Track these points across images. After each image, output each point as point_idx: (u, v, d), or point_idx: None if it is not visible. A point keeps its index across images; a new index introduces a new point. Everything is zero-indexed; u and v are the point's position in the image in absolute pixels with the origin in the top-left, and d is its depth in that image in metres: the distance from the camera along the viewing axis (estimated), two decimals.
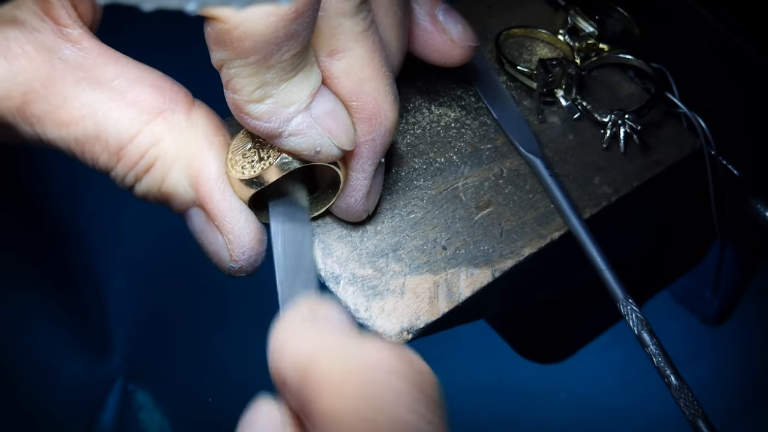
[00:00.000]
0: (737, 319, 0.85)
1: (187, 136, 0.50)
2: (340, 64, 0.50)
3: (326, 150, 0.50)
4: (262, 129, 0.48)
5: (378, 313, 0.53)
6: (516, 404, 1.09)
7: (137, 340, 1.15)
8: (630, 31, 0.66)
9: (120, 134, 0.49)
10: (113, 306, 1.15)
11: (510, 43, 0.67)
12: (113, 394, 1.13)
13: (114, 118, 0.49)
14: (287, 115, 0.48)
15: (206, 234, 0.52)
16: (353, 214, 0.55)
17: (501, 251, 0.56)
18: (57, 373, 1.10)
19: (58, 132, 0.49)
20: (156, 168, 0.50)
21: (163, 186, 0.51)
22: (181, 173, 0.50)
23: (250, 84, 0.46)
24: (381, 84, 0.51)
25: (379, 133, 0.52)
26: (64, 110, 0.49)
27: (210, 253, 0.52)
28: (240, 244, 0.51)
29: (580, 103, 0.63)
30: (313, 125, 0.49)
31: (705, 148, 0.63)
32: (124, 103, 0.50)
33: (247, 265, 0.52)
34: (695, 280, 0.82)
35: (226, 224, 0.51)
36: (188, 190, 0.51)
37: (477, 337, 0.81)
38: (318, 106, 0.49)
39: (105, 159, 0.50)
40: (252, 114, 0.48)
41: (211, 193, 0.50)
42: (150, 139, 0.50)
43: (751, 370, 1.06)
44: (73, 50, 0.50)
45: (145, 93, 0.50)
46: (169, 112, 0.50)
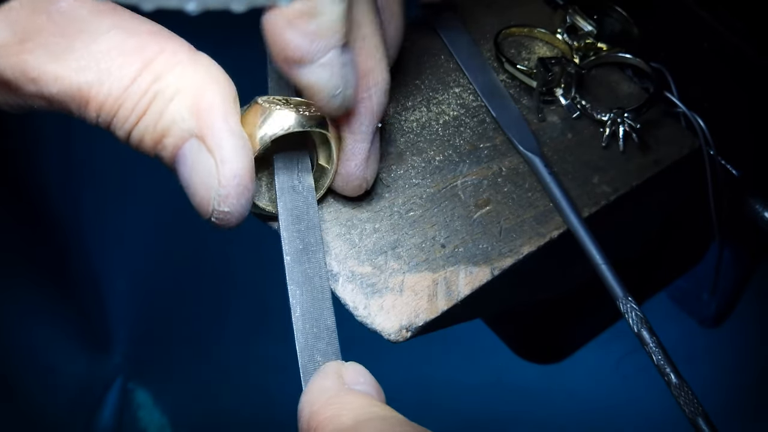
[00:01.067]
0: (735, 321, 0.85)
1: (189, 71, 0.49)
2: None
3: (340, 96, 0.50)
4: (303, 49, 0.48)
5: (377, 311, 0.53)
6: (515, 403, 1.09)
7: (137, 339, 1.15)
8: (628, 30, 0.66)
9: (122, 77, 0.48)
10: (113, 305, 1.15)
11: (509, 42, 0.67)
12: (113, 393, 1.13)
13: (116, 64, 0.48)
14: (329, 43, 0.48)
15: (196, 164, 0.49)
16: (352, 182, 0.55)
17: (500, 250, 0.56)
18: (57, 371, 1.10)
19: (61, 84, 0.48)
20: (156, 103, 0.49)
21: (160, 121, 0.49)
22: (180, 104, 0.49)
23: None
24: (379, 42, 0.52)
25: (375, 91, 0.52)
26: (64, 62, 0.48)
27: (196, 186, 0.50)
28: (232, 165, 0.49)
29: (579, 102, 0.63)
30: (342, 67, 0.49)
31: (704, 148, 0.63)
32: (124, 49, 0.49)
33: (234, 194, 0.49)
34: (693, 281, 0.82)
35: (223, 146, 0.49)
36: (186, 118, 0.49)
37: (476, 336, 0.81)
38: (347, 53, 0.50)
39: (108, 106, 0.49)
40: (300, 27, 0.47)
41: (214, 117, 0.49)
42: (152, 76, 0.49)
43: (748, 372, 1.06)
44: (68, 2, 0.49)
45: (145, 40, 0.49)
46: (170, 53, 0.49)
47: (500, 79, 0.64)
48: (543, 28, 0.67)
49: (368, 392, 0.47)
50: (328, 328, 0.50)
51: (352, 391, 0.46)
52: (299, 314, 0.50)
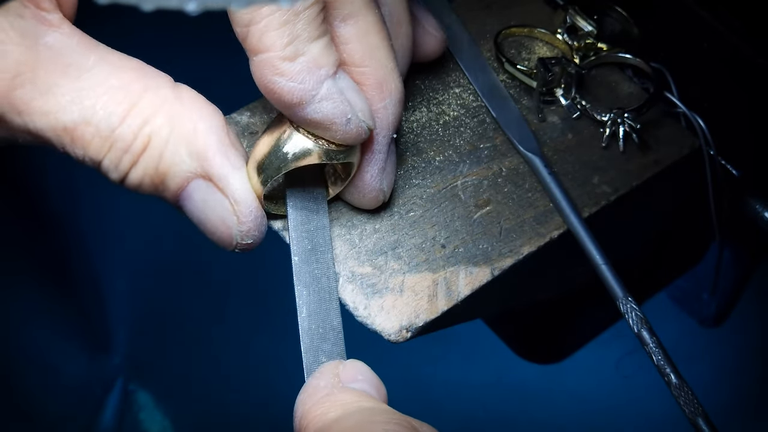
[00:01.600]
0: (735, 321, 0.85)
1: (178, 109, 0.50)
2: (353, 29, 0.51)
3: (355, 121, 0.50)
4: (296, 92, 0.48)
5: (377, 311, 0.53)
6: (515, 403, 1.09)
7: (137, 339, 1.15)
8: (628, 30, 0.66)
9: (110, 117, 0.49)
10: (113, 305, 1.15)
11: (509, 42, 0.67)
12: (114, 394, 1.13)
13: (101, 102, 0.49)
14: (319, 77, 0.48)
15: (209, 204, 0.51)
16: (369, 193, 0.55)
17: (500, 250, 0.56)
18: (57, 372, 1.10)
19: (47, 120, 0.49)
20: (152, 146, 0.49)
21: (161, 163, 0.50)
22: (178, 146, 0.49)
23: (282, 36, 0.47)
24: (390, 54, 0.52)
25: (390, 102, 0.52)
26: (51, 96, 0.49)
27: (214, 224, 0.51)
28: (247, 202, 0.50)
29: (579, 102, 0.63)
30: (341, 93, 0.49)
31: (704, 148, 0.63)
32: (109, 86, 0.49)
33: (254, 227, 0.51)
34: (693, 282, 0.82)
35: (231, 184, 0.50)
36: (187, 160, 0.50)
37: (477, 335, 0.81)
38: (341, 80, 0.50)
39: (96, 146, 0.49)
40: (286, 72, 0.48)
41: (215, 157, 0.50)
42: (141, 118, 0.49)
43: (748, 372, 1.06)
44: (55, 36, 0.49)
45: (129, 76, 0.50)
46: (154, 90, 0.50)
47: (500, 79, 0.64)
48: (543, 29, 0.67)
49: (364, 389, 0.47)
50: (335, 328, 0.51)
51: (346, 389, 0.47)
52: (305, 315, 0.51)
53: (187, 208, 0.51)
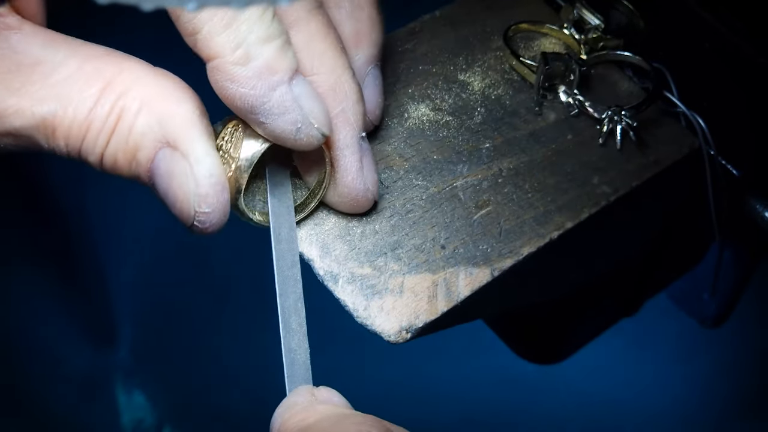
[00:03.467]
0: (735, 321, 0.85)
1: (151, 84, 0.49)
2: (297, 38, 0.51)
3: (306, 130, 0.50)
4: (247, 98, 0.48)
5: (377, 312, 0.53)
6: (516, 400, 1.10)
7: (141, 334, 1.15)
8: (635, 23, 0.66)
9: (85, 100, 0.48)
10: (118, 299, 1.15)
11: (518, 38, 0.67)
12: (116, 390, 1.13)
13: (76, 88, 0.48)
14: (271, 83, 0.48)
15: (172, 173, 0.49)
16: (356, 196, 0.54)
17: (500, 250, 0.56)
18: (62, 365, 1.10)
19: (24, 117, 0.48)
20: (123, 119, 0.49)
21: (131, 135, 0.49)
22: (149, 116, 0.49)
23: (228, 40, 0.46)
24: (339, 57, 0.52)
25: (348, 105, 0.52)
26: (24, 94, 0.48)
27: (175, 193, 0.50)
28: (207, 166, 0.49)
29: (578, 98, 0.63)
30: (295, 101, 0.49)
31: (704, 148, 0.63)
32: (82, 74, 0.49)
33: (212, 192, 0.49)
34: (693, 282, 0.82)
35: (195, 149, 0.49)
36: (156, 129, 0.49)
37: (477, 332, 0.81)
38: (298, 85, 0.49)
39: (75, 131, 0.48)
40: (237, 78, 0.47)
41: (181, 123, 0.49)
42: (115, 95, 0.48)
43: (748, 372, 1.06)
44: (17, 38, 0.49)
45: (102, 62, 0.49)
46: (128, 70, 0.49)
47: (505, 71, 0.64)
48: (551, 24, 0.67)
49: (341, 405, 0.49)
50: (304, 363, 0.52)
51: (323, 403, 0.48)
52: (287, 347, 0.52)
53: (156, 183, 0.50)
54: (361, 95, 0.54)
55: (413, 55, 0.65)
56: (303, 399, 0.48)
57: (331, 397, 0.49)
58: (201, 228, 0.50)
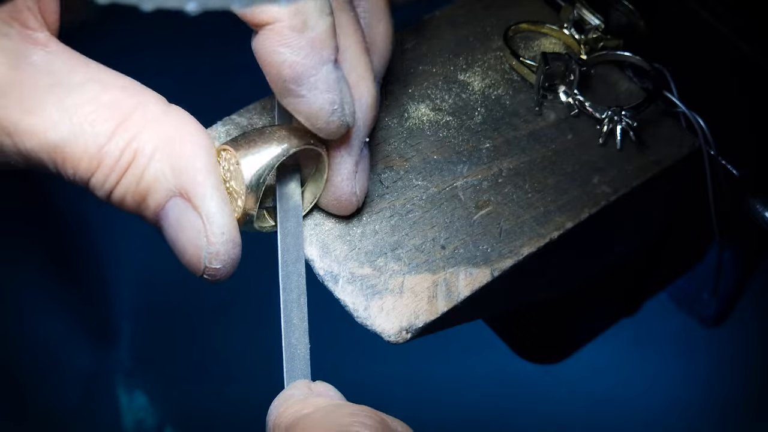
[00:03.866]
0: (735, 320, 0.85)
1: (165, 127, 0.49)
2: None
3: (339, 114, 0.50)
4: (297, 66, 0.47)
5: (377, 312, 0.53)
6: (515, 400, 1.09)
7: (142, 333, 1.15)
8: (635, 23, 0.66)
9: (97, 135, 0.48)
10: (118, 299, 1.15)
11: (518, 38, 0.67)
12: (117, 391, 1.13)
13: (90, 120, 0.48)
14: (322, 57, 0.48)
15: (182, 223, 0.49)
16: (341, 197, 0.54)
17: (500, 251, 0.56)
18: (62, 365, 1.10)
19: (37, 140, 0.48)
20: (136, 162, 0.48)
21: (143, 180, 0.49)
22: (162, 162, 0.49)
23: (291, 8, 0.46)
24: (363, 57, 0.52)
25: (361, 105, 0.52)
26: (39, 116, 0.48)
27: (186, 243, 0.50)
28: (219, 223, 0.49)
29: (578, 99, 0.63)
30: (338, 82, 0.49)
31: (704, 148, 0.63)
32: (98, 104, 0.48)
33: (223, 250, 0.50)
34: (693, 281, 0.82)
35: (207, 203, 0.49)
36: (169, 177, 0.49)
37: (477, 332, 0.81)
38: (340, 69, 0.49)
39: (85, 164, 0.48)
40: (292, 43, 0.47)
41: (196, 175, 0.49)
42: (129, 135, 0.48)
43: (749, 371, 1.06)
44: (42, 55, 0.49)
45: (118, 93, 0.49)
46: (143, 107, 0.49)
47: (505, 71, 0.64)
48: (551, 24, 0.67)
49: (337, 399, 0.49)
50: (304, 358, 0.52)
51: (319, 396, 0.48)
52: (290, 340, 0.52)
53: (163, 228, 0.50)
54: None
55: (413, 55, 0.65)
56: (299, 392, 0.48)
57: (327, 391, 0.49)
58: (210, 279, 0.51)
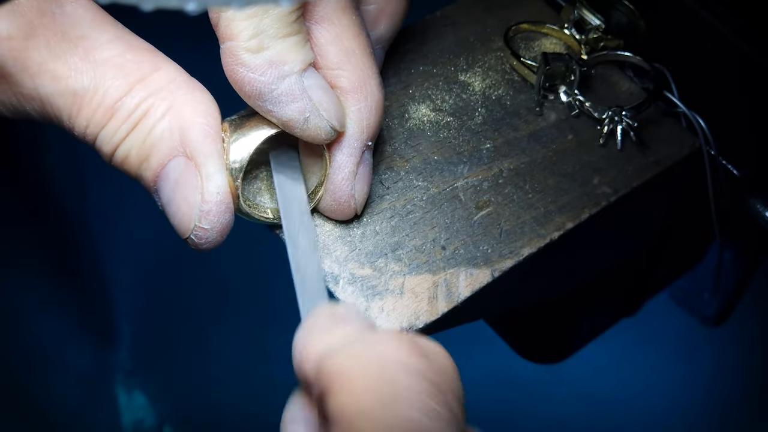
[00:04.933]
0: (736, 320, 0.85)
1: (181, 91, 0.50)
2: (328, 32, 0.51)
3: (315, 120, 0.50)
4: (255, 83, 0.49)
5: (377, 313, 0.53)
6: (516, 400, 1.10)
7: (142, 333, 1.15)
8: (635, 24, 0.66)
9: (118, 87, 0.49)
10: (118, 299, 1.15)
11: (519, 38, 0.67)
12: (116, 391, 1.13)
13: (112, 73, 0.49)
14: (281, 72, 0.49)
15: (180, 183, 0.50)
16: (339, 198, 0.54)
17: (500, 251, 0.56)
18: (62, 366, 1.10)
19: (57, 85, 0.49)
20: (147, 119, 0.50)
21: (149, 137, 0.50)
22: (172, 121, 0.50)
23: (247, 28, 0.47)
24: (368, 59, 0.52)
25: (365, 107, 0.52)
26: (64, 62, 0.49)
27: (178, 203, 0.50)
28: (216, 183, 0.50)
29: (578, 99, 0.63)
30: (304, 91, 0.49)
31: (704, 148, 0.63)
32: (123, 60, 0.50)
33: (215, 210, 0.50)
34: (694, 281, 0.82)
35: (208, 164, 0.50)
36: (176, 136, 0.50)
37: (477, 332, 0.81)
38: (310, 77, 0.50)
39: (99, 116, 0.49)
40: (247, 63, 0.48)
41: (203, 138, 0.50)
42: (145, 92, 0.49)
43: (750, 371, 1.06)
44: (72, 6, 0.50)
45: (143, 56, 0.50)
46: (164, 71, 0.50)
47: (506, 71, 0.64)
48: (552, 24, 0.67)
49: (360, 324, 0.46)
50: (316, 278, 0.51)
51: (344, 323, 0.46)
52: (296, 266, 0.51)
53: (160, 188, 0.51)
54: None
55: (414, 55, 0.65)
56: (322, 320, 0.46)
57: (350, 315, 0.47)
58: (196, 242, 0.51)
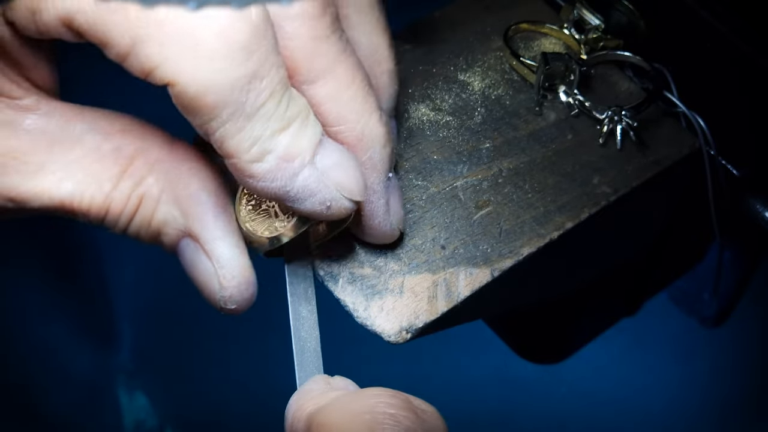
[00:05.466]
0: (736, 320, 0.85)
1: (170, 168, 0.49)
2: (324, 90, 0.48)
3: (337, 204, 0.48)
4: (269, 191, 0.46)
5: (377, 312, 0.53)
6: (516, 400, 1.09)
7: (142, 338, 1.15)
8: (635, 23, 0.66)
9: (102, 186, 0.48)
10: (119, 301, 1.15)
11: (518, 37, 0.67)
12: (117, 392, 1.13)
13: (93, 172, 0.48)
14: (292, 171, 0.46)
15: (196, 264, 0.50)
16: (383, 235, 0.54)
17: (500, 251, 0.56)
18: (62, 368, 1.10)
19: (41, 200, 0.48)
20: (144, 206, 0.49)
21: (152, 222, 0.49)
22: (169, 204, 0.49)
23: (242, 141, 0.45)
24: (367, 101, 0.50)
25: (374, 152, 0.51)
26: (41, 177, 0.48)
27: (200, 284, 0.50)
28: (230, 269, 0.49)
29: (578, 99, 0.63)
30: (320, 180, 0.47)
31: (704, 148, 0.63)
32: (100, 154, 0.48)
33: (237, 293, 0.50)
34: (693, 281, 0.82)
35: (217, 248, 0.49)
36: (179, 219, 0.49)
37: (477, 332, 0.81)
38: (323, 158, 0.47)
39: (94, 212, 0.48)
40: (256, 175, 0.46)
41: (204, 218, 0.49)
42: (133, 180, 0.48)
43: (750, 371, 1.06)
44: (34, 119, 0.48)
45: (119, 140, 0.49)
46: (146, 151, 0.49)
47: (505, 71, 0.64)
48: (552, 24, 0.67)
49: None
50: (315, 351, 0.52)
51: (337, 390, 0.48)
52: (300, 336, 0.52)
53: (182, 261, 0.51)
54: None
55: (413, 55, 0.65)
56: (318, 386, 0.48)
57: (347, 386, 0.48)
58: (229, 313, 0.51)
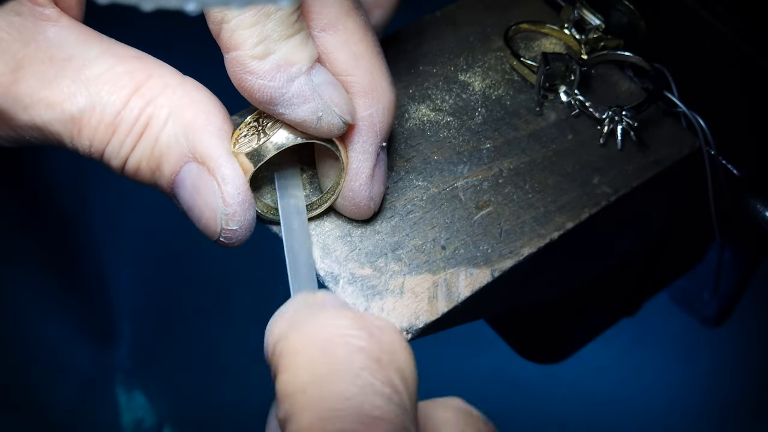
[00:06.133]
0: (736, 320, 0.85)
1: (180, 94, 0.50)
2: (335, 39, 0.51)
3: (327, 118, 0.50)
4: (265, 90, 0.48)
5: (377, 312, 0.53)
6: (516, 400, 1.09)
7: (142, 333, 1.15)
8: (635, 23, 0.66)
9: (114, 102, 0.49)
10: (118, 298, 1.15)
11: (518, 38, 0.67)
12: (116, 390, 1.13)
13: (106, 89, 0.49)
14: (290, 74, 0.48)
15: (198, 188, 0.50)
16: (359, 202, 0.54)
17: (500, 251, 0.56)
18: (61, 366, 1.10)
19: (53, 111, 0.49)
20: (150, 128, 0.49)
21: (156, 146, 0.49)
22: (176, 127, 0.49)
23: (252, 36, 0.47)
24: (377, 60, 0.52)
25: (377, 110, 0.52)
26: (55, 87, 0.49)
27: (201, 209, 0.50)
28: (235, 184, 0.50)
29: (578, 99, 0.63)
30: (314, 90, 0.49)
31: (704, 148, 0.63)
32: (114, 74, 0.49)
33: (239, 211, 0.50)
34: (694, 281, 0.82)
35: (222, 166, 0.50)
36: (183, 142, 0.50)
37: (477, 332, 0.81)
38: (318, 75, 0.50)
39: (101, 132, 0.49)
40: (255, 71, 0.48)
41: (210, 139, 0.50)
42: (144, 100, 0.49)
43: (750, 371, 1.06)
44: (54, 30, 0.50)
45: (133, 65, 0.50)
46: (158, 76, 0.50)
47: (506, 71, 0.64)
48: (552, 24, 0.67)
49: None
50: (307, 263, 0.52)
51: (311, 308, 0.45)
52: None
53: (179, 195, 0.51)
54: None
55: (413, 55, 0.65)
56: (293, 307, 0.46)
57: (326, 301, 0.46)
58: (227, 243, 0.51)
